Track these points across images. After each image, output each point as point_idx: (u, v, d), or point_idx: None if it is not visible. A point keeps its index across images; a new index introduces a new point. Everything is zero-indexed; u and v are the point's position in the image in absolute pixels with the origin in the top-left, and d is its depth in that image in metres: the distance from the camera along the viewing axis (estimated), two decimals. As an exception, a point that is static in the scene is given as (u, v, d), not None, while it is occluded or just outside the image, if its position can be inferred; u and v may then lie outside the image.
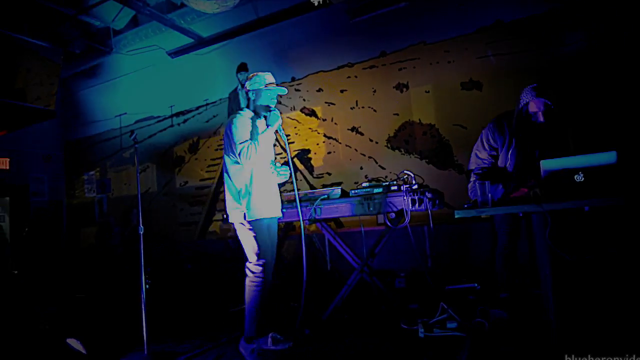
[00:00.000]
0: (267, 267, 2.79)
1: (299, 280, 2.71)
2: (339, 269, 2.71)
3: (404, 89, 4.76)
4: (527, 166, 2.94)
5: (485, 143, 3.07)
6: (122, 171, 6.88)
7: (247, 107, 2.94)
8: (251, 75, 2.94)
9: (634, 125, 3.57)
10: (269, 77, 2.92)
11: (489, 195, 2.31)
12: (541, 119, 2.89)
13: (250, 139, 2.74)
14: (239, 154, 2.71)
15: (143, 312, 2.71)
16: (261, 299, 2.78)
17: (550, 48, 4.02)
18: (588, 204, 1.98)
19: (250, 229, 2.76)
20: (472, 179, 3.10)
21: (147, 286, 2.77)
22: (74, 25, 5.86)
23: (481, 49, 4.32)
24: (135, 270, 2.79)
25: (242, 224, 2.78)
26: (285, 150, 3.07)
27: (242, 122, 2.80)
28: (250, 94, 2.91)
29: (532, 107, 2.90)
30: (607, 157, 1.96)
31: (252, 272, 2.79)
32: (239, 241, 2.85)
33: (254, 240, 2.76)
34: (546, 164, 2.08)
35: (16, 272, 5.06)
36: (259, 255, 2.76)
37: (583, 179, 1.99)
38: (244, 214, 2.75)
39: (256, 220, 2.76)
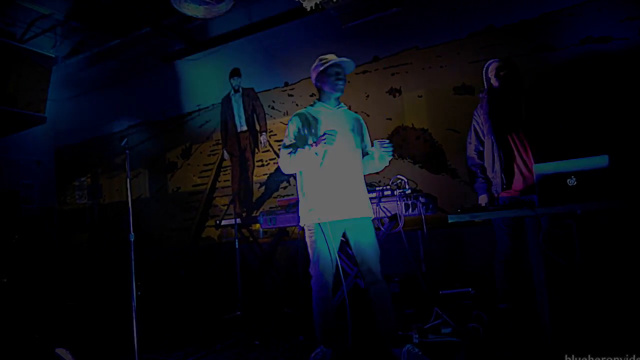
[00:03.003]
0: (318, 278, 2.49)
1: (293, 285, 2.68)
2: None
3: (397, 94, 4.77)
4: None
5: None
6: (113, 177, 6.82)
7: (319, 99, 2.65)
8: (313, 64, 2.61)
9: (626, 129, 3.60)
10: (329, 56, 2.57)
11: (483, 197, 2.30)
12: (495, 83, 2.90)
13: (292, 149, 2.46)
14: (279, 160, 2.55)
15: (134, 319, 2.67)
16: (317, 307, 2.52)
17: (541, 53, 4.05)
18: (581, 208, 1.99)
19: (306, 234, 2.56)
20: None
21: (139, 292, 2.72)
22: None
23: (473, 53, 4.35)
24: (126, 277, 2.75)
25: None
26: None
27: (295, 123, 2.54)
28: (316, 81, 2.61)
29: (490, 71, 2.96)
30: (599, 161, 1.97)
31: (311, 279, 2.56)
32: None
33: (308, 247, 2.54)
34: (539, 168, 2.08)
35: (5, 280, 4.98)
36: (312, 264, 2.52)
37: (576, 182, 1.99)
38: (299, 218, 2.57)
39: (310, 225, 2.52)
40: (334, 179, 2.49)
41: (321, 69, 2.55)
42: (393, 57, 4.79)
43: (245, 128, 5.65)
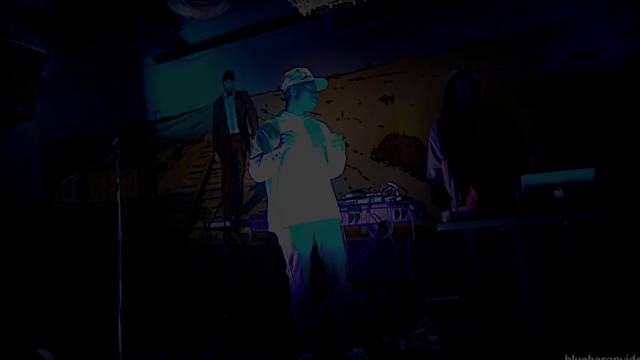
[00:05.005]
0: (294, 281, 2.55)
1: (283, 291, 2.67)
2: (321, 280, 2.69)
3: (390, 102, 4.81)
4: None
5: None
6: (102, 176, 6.76)
7: (286, 109, 2.74)
8: (289, 72, 2.69)
9: (612, 143, 3.67)
10: (307, 71, 2.70)
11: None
12: (467, 93, 2.88)
13: (258, 157, 2.56)
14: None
15: (119, 322, 2.64)
16: (294, 309, 2.58)
17: (532, 65, 4.11)
18: (567, 219, 2.02)
19: (279, 239, 2.64)
20: None
21: (124, 294, 2.69)
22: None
23: (466, 64, 4.39)
24: (112, 278, 2.72)
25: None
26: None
27: (260, 135, 2.62)
28: (291, 90, 2.66)
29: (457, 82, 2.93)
30: (585, 174, 2.00)
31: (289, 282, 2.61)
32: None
33: (283, 251, 2.62)
34: (527, 179, 2.11)
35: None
36: (287, 267, 2.59)
37: (562, 194, 2.02)
38: (268, 224, 2.66)
39: (277, 230, 2.60)
40: (299, 184, 2.56)
41: (301, 81, 2.63)
42: (387, 65, 4.83)
43: (237, 131, 5.62)
